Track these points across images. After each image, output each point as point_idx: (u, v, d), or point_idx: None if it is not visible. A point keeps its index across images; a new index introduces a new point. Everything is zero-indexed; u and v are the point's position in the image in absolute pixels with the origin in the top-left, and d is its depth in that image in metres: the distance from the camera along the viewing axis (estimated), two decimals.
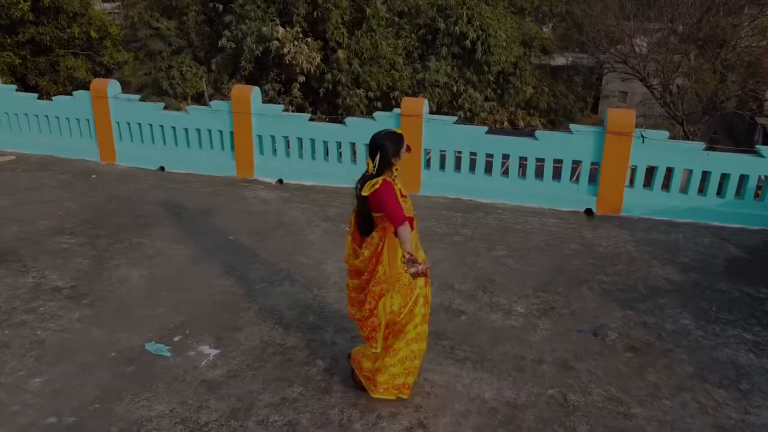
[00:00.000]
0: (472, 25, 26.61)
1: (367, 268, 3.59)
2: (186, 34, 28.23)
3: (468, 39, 26.55)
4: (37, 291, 5.16)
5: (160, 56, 27.13)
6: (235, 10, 26.08)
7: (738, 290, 5.34)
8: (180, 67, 24.40)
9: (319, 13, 26.14)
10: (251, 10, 25.76)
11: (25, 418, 3.64)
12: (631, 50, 29.99)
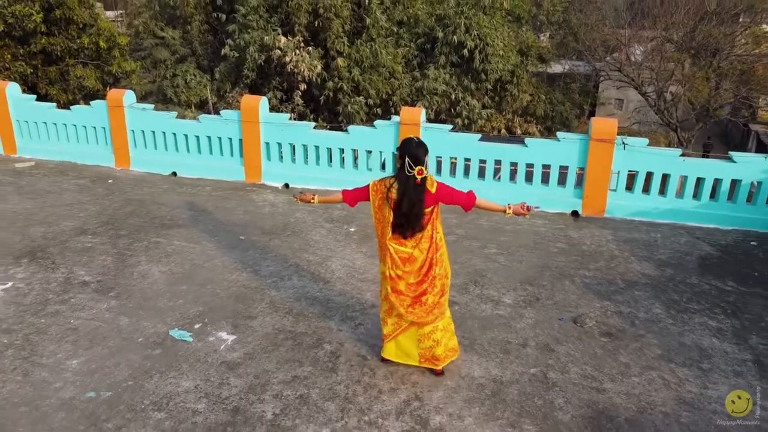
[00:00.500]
0: (469, 35, 27.14)
1: (425, 260, 4.09)
2: (189, 43, 28.80)
3: (466, 48, 27.07)
4: (67, 285, 5.65)
5: (164, 65, 27.69)
6: (238, 19, 26.61)
7: (707, 284, 5.84)
8: (184, 76, 24.95)
9: (320, 22, 26.68)
10: (254, 20, 26.29)
11: (67, 393, 4.12)
12: (626, 58, 30.59)
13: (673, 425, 3.88)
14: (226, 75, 28.02)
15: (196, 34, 28.83)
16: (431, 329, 4.20)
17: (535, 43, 33.66)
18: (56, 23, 16.13)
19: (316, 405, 4.02)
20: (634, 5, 32.90)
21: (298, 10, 26.21)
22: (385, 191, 4.06)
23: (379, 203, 4.12)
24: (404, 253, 4.08)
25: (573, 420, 3.91)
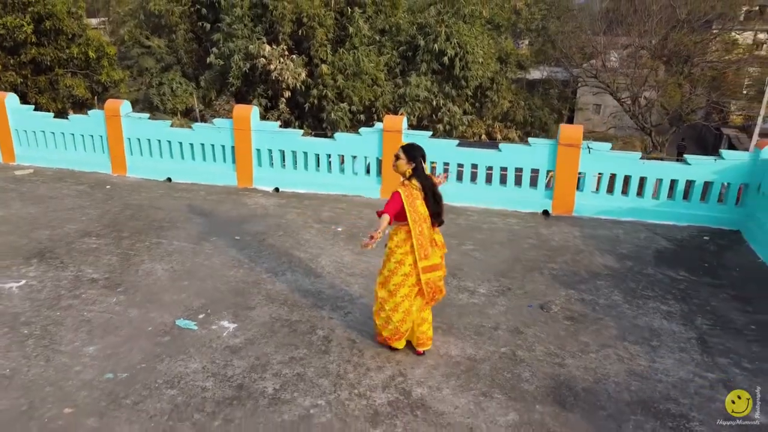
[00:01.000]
0: (450, 43, 27.79)
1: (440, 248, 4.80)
2: (175, 52, 29.16)
3: (446, 55, 27.71)
4: (77, 282, 6.12)
5: (149, 73, 28.03)
6: (223, 28, 27.00)
7: (662, 273, 6.46)
8: (171, 84, 25.32)
9: (304, 31, 27.18)
10: (238, 29, 26.71)
11: (88, 375, 4.60)
12: (602, 65, 31.53)
13: (624, 392, 4.46)
14: (212, 83, 28.39)
15: (181, 43, 29.19)
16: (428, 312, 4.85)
17: (514, 50, 34.46)
18: (46, 34, 16.50)
19: (312, 381, 4.54)
20: (609, 14, 33.95)
21: (282, 19, 26.69)
22: (415, 192, 4.53)
23: (411, 200, 4.54)
24: (439, 244, 4.78)
25: (537, 389, 4.48)
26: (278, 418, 4.14)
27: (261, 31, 27.12)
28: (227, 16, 26.95)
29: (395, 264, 4.59)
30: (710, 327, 5.42)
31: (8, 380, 4.50)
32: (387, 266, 4.65)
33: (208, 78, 28.03)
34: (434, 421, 4.12)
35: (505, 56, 32.71)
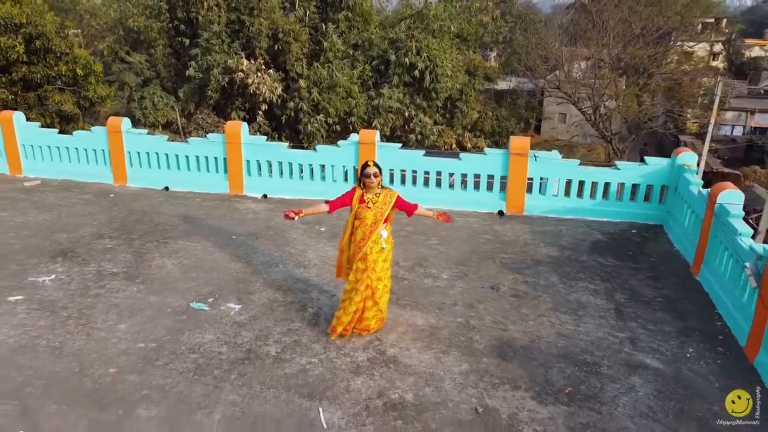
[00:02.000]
0: (420, 57, 29.18)
1: None
2: (154, 66, 29.99)
3: (417, 69, 29.08)
4: (100, 275, 7.16)
5: (128, 87, 28.82)
6: (201, 44, 27.98)
7: (593, 260, 7.77)
8: (152, 98, 26.18)
9: (279, 46, 28.31)
10: (216, 44, 27.72)
11: (123, 345, 5.67)
12: (564, 77, 33.26)
13: (552, 348, 5.70)
14: (190, 96, 29.32)
15: (160, 58, 30.05)
16: None
17: (482, 63, 36.03)
18: (36, 53, 17.35)
19: (306, 345, 5.69)
20: (571, 27, 35.79)
21: (259, 34, 27.80)
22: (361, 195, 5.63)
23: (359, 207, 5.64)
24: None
25: (485, 347, 5.69)
26: (281, 372, 5.27)
27: (238, 46, 28.14)
28: (205, 32, 27.96)
29: None
30: (626, 300, 6.72)
31: (59, 350, 5.55)
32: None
33: (187, 91, 28.95)
34: (404, 371, 5.30)
35: (474, 69, 34.24)
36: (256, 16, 27.69)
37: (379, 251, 5.59)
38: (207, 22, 28.20)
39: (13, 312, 6.25)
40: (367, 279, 5.59)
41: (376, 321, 5.89)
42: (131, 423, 4.59)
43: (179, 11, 29.60)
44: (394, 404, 4.85)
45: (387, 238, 5.64)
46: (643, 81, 31.76)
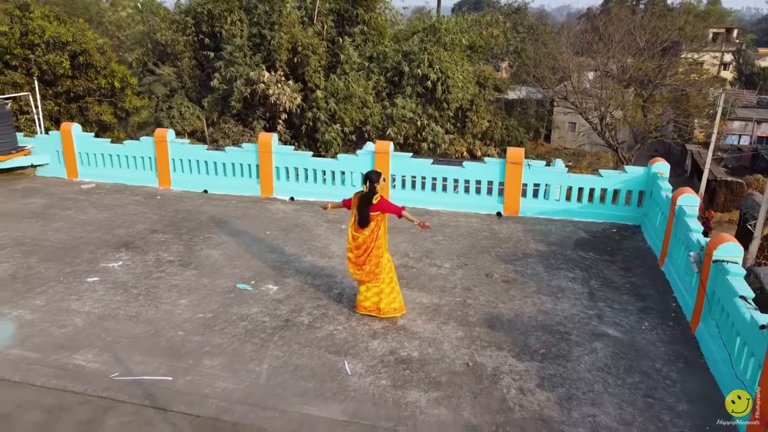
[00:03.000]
0: (432, 68, 30.50)
1: (365, 244, 6.99)
2: (180, 77, 31.64)
3: (429, 80, 30.40)
4: (159, 262, 8.58)
5: (155, 97, 30.46)
6: (224, 56, 29.56)
7: (575, 254, 9.05)
8: (179, 108, 27.77)
9: (299, 58, 29.83)
10: (239, 57, 29.29)
11: (186, 315, 7.06)
12: (571, 88, 34.49)
13: (532, 321, 7.00)
14: (214, 105, 30.89)
15: (185, 69, 31.67)
16: (369, 287, 7.04)
17: (492, 74, 37.29)
18: (79, 67, 18.95)
19: (333, 317, 7.05)
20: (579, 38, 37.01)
21: (279, 48, 29.33)
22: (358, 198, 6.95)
23: (354, 204, 6.99)
24: (359, 241, 6.96)
25: (477, 320, 7.01)
26: (313, 335, 6.63)
27: (260, 59, 29.67)
28: (228, 45, 29.55)
29: None
30: (599, 286, 8.00)
31: (136, 319, 6.96)
32: None
33: (211, 101, 30.51)
34: (411, 336, 6.64)
35: (484, 80, 35.50)
36: (276, 30, 29.20)
37: None
38: (230, 36, 29.76)
39: (93, 290, 7.69)
40: None
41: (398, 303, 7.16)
42: (200, 368, 5.97)
43: (204, 26, 31.20)
44: (403, 359, 6.19)
45: None
46: (648, 92, 32.87)
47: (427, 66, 30.54)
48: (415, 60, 30.88)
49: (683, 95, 36.39)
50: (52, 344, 6.39)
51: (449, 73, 30.53)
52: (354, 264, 7.00)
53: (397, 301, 7.09)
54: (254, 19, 30.08)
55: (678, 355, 6.36)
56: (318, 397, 5.55)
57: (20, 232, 9.69)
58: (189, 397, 5.53)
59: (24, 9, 17.89)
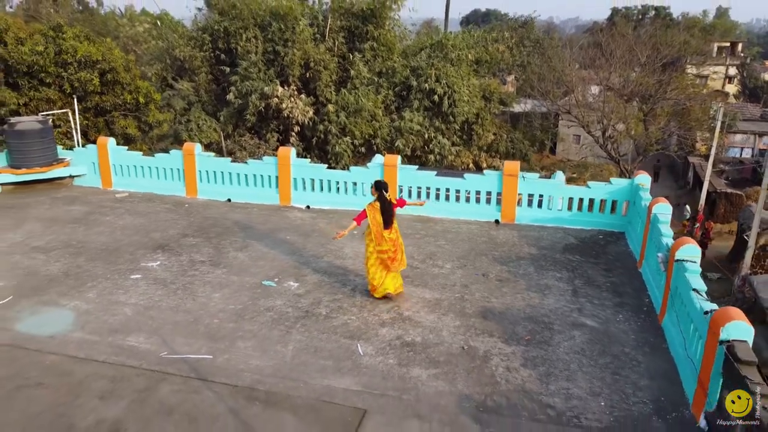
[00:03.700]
0: (439, 83, 31.64)
1: (397, 239, 8.22)
2: (197, 92, 32.97)
3: (436, 94, 31.54)
4: (192, 262, 9.68)
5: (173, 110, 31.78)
6: (240, 71, 30.87)
7: (564, 257, 10.08)
8: (197, 121, 29.05)
9: (311, 74, 31.08)
10: (254, 72, 30.57)
11: (219, 306, 8.14)
12: (574, 102, 35.54)
13: (521, 313, 8.03)
14: (229, 118, 32.17)
15: (202, 84, 33.00)
16: (396, 274, 8.32)
17: (497, 88, 38.36)
18: (107, 84, 20.21)
19: (347, 309, 8.11)
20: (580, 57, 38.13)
21: (293, 63, 30.60)
22: (376, 207, 8.14)
23: (373, 214, 8.18)
24: (389, 238, 8.20)
25: (473, 312, 8.05)
26: (330, 324, 7.69)
27: (273, 74, 30.95)
28: (243, 61, 30.86)
29: (367, 248, 8.27)
30: (582, 284, 9.03)
31: (176, 309, 8.05)
32: (366, 251, 8.28)
33: (226, 114, 31.78)
34: (415, 324, 7.69)
35: (489, 94, 36.61)
36: (290, 47, 30.48)
37: None
38: (245, 52, 31.07)
39: (137, 285, 8.80)
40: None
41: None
42: (235, 349, 7.04)
43: (220, 42, 32.54)
44: (407, 343, 7.24)
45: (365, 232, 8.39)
46: (649, 106, 33.86)
47: (434, 81, 31.68)
48: (422, 75, 32.03)
49: (684, 109, 37.35)
50: (108, 329, 7.50)
51: (455, 87, 31.64)
52: (391, 260, 8.20)
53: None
54: (268, 36, 31.38)
55: (645, 342, 7.37)
56: (335, 372, 6.60)
57: (66, 236, 10.85)
58: (227, 371, 6.60)
59: (57, 30, 19.21)
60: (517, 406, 6.06)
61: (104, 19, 51.25)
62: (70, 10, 48.45)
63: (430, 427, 5.70)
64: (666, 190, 42.00)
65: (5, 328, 7.47)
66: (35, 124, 13.38)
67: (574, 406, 6.07)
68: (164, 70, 33.11)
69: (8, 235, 10.84)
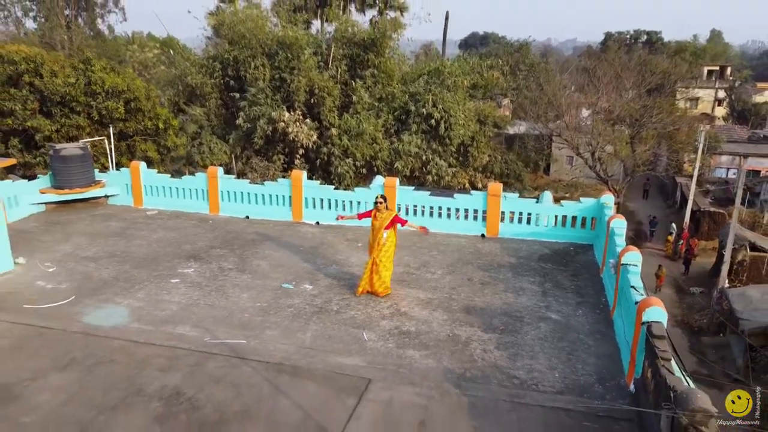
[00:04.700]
0: (436, 108, 33.53)
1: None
2: (207, 116, 34.89)
3: (433, 118, 33.39)
4: (221, 270, 11.38)
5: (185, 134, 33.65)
6: (248, 97, 32.80)
7: (538, 265, 11.78)
8: (209, 144, 30.91)
9: (315, 99, 33.01)
10: (261, 98, 32.49)
11: (248, 304, 9.82)
12: (564, 126, 37.46)
13: (498, 309, 9.72)
14: (238, 141, 34.02)
15: (212, 108, 34.94)
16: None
17: (492, 112, 40.28)
18: (130, 111, 22.06)
19: (353, 306, 9.80)
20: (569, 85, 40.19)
21: (298, 90, 32.54)
22: (373, 214, 9.91)
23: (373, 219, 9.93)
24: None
25: (458, 308, 9.74)
26: (340, 317, 9.38)
27: (280, 100, 32.86)
28: (252, 88, 32.82)
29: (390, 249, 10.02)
30: (551, 287, 10.72)
31: (212, 306, 9.74)
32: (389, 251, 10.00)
33: (235, 137, 33.64)
34: (410, 318, 9.37)
35: (484, 118, 38.52)
36: (295, 74, 32.45)
37: (382, 244, 9.82)
38: (253, 79, 33.04)
39: (177, 288, 10.50)
40: (372, 257, 9.90)
41: (382, 288, 10.02)
42: (264, 336, 8.72)
43: (230, 70, 34.53)
44: (403, 332, 8.92)
45: (387, 237, 9.87)
46: (635, 130, 35.78)
47: (432, 105, 33.56)
48: (420, 100, 33.92)
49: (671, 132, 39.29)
50: (159, 321, 9.18)
51: (452, 112, 33.51)
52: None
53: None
54: (275, 64, 33.37)
55: (597, 331, 9.05)
56: (345, 353, 8.27)
57: (110, 247, 12.56)
58: (259, 352, 8.27)
59: (87, 63, 21.11)
60: (490, 377, 7.73)
61: (116, 45, 53.54)
62: (82, 37, 50.55)
63: (421, 391, 7.37)
64: (656, 209, 43.85)
65: (76, 320, 9.16)
66: (77, 150, 15.16)
67: (534, 377, 7.74)
68: (176, 95, 35.08)
69: (60, 246, 12.56)
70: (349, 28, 35.36)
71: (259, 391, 7.34)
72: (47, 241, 12.87)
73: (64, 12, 54.83)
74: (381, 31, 34.71)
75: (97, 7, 57.34)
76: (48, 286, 10.50)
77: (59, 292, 10.21)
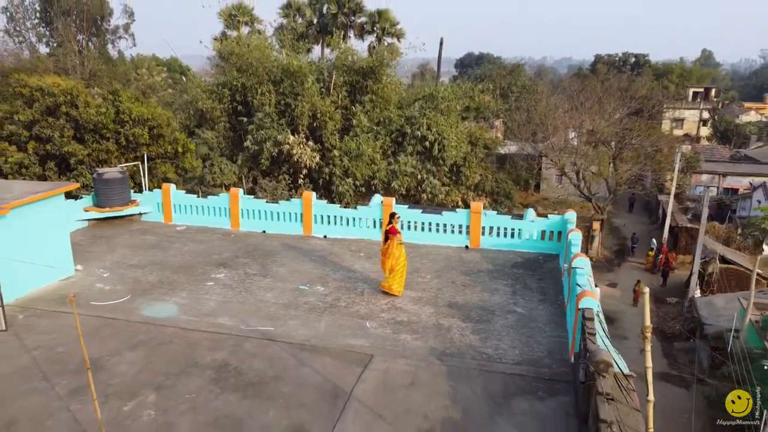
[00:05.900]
0: (430, 131, 35.96)
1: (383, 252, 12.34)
2: (217, 139, 37.31)
3: (427, 140, 35.80)
4: (247, 275, 13.65)
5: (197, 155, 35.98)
6: (255, 121, 35.25)
7: (511, 271, 14.09)
8: (219, 165, 33.29)
9: (317, 123, 35.47)
10: (267, 122, 34.94)
11: (272, 301, 12.10)
12: (550, 147, 39.92)
13: (475, 304, 12.01)
14: (245, 162, 36.40)
15: (221, 132, 37.37)
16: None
17: (483, 135, 42.76)
18: (152, 137, 24.43)
19: (358, 302, 12.08)
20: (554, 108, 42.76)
21: (302, 114, 35.02)
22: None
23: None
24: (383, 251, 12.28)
25: (442, 304, 12.03)
26: (348, 311, 11.66)
27: (285, 124, 35.30)
28: (258, 112, 35.29)
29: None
30: (521, 288, 13.02)
31: (243, 303, 12.02)
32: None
33: (243, 159, 36.04)
34: (404, 311, 11.66)
35: (475, 140, 41.00)
36: (299, 100, 34.94)
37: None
38: (260, 104, 35.52)
39: (213, 289, 12.78)
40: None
41: (397, 286, 12.30)
42: (287, 325, 10.99)
43: (238, 95, 37.03)
44: (399, 321, 11.20)
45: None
46: (616, 151, 38.27)
47: (426, 128, 36.00)
48: (415, 123, 36.37)
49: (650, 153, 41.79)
50: (202, 313, 11.45)
51: (445, 134, 35.95)
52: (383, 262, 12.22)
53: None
54: (280, 90, 35.89)
55: (553, 320, 11.34)
56: (353, 337, 10.54)
57: (150, 257, 14.85)
58: (285, 336, 10.54)
59: (115, 94, 23.53)
60: (464, 353, 10.01)
61: (125, 70, 56.13)
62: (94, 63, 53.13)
63: (411, 362, 9.64)
64: (640, 225, 46.31)
65: (136, 313, 11.43)
66: (117, 174, 17.50)
67: (499, 353, 10.02)
68: (188, 119, 37.55)
69: (108, 257, 14.84)
70: (349, 57, 37.90)
71: (287, 363, 9.60)
72: (96, 252, 15.16)
73: (76, 38, 57.44)
74: (379, 60, 37.27)
75: (108, 33, 60.01)
76: (106, 287, 12.77)
77: (116, 293, 12.48)
